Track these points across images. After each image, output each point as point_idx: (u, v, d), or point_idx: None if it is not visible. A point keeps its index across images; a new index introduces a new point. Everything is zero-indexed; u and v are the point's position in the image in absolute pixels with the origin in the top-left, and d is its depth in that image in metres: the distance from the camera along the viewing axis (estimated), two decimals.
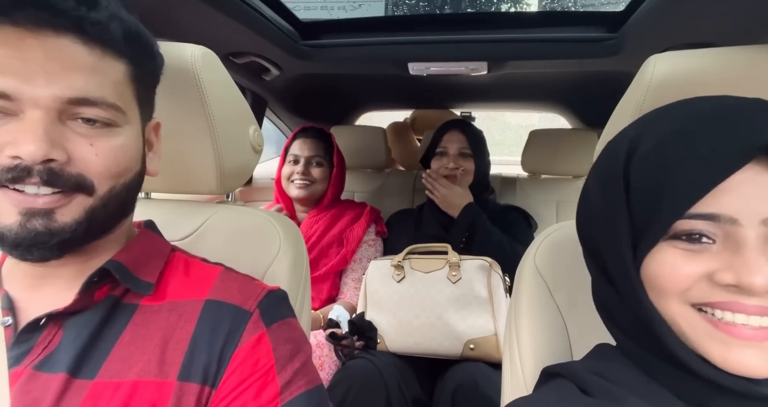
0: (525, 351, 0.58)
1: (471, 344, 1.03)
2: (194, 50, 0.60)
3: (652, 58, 0.52)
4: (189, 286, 0.48)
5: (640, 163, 0.38)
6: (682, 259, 0.36)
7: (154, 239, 0.52)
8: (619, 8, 1.05)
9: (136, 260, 0.47)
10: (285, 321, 0.48)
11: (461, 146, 1.32)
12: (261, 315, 0.47)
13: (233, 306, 0.47)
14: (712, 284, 0.35)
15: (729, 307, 0.35)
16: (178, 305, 0.47)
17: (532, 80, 1.55)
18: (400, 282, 1.12)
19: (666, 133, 0.37)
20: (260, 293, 0.48)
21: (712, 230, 0.35)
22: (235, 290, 0.48)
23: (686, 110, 0.38)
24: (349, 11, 3.80)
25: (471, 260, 1.11)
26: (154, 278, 0.48)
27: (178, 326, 0.45)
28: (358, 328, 1.10)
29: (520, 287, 0.62)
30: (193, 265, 0.52)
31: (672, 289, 0.36)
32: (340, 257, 1.29)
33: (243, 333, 0.45)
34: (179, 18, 0.85)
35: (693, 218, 0.35)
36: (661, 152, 0.37)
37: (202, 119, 0.62)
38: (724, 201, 0.34)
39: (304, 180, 1.35)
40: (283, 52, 1.15)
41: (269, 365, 0.44)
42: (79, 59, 0.39)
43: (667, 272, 0.36)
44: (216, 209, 0.70)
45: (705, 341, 0.36)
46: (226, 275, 0.50)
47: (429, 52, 1.17)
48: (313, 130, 1.41)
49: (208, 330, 0.45)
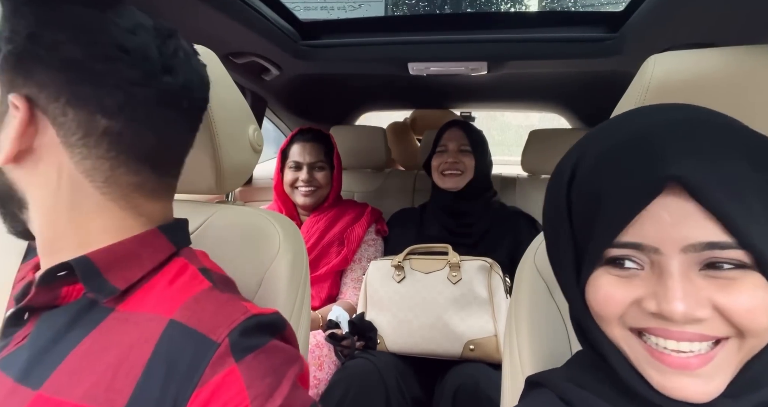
0: (525, 351, 0.58)
1: (471, 344, 1.03)
2: None
3: (652, 58, 0.52)
4: (164, 298, 0.42)
5: (577, 189, 0.39)
6: (615, 286, 0.36)
7: (154, 241, 0.45)
8: (619, 8, 1.05)
9: (114, 260, 0.42)
10: (263, 349, 0.40)
11: (461, 142, 1.33)
12: (231, 346, 0.38)
13: (198, 333, 0.39)
14: (641, 311, 0.36)
15: (659, 333, 0.35)
16: (144, 319, 0.40)
17: (532, 80, 1.55)
18: (401, 283, 1.12)
19: (595, 160, 0.38)
20: (237, 319, 0.40)
21: (640, 257, 0.36)
22: (208, 312, 0.41)
23: (613, 135, 0.38)
24: (349, 11, 3.81)
25: (471, 260, 1.10)
26: (125, 283, 0.41)
27: (137, 345, 0.38)
28: (358, 328, 1.10)
29: (520, 287, 0.62)
30: (185, 274, 0.45)
31: (609, 315, 0.37)
32: (340, 258, 1.29)
33: (206, 369, 0.37)
34: (179, 18, 0.85)
35: (619, 247, 0.36)
36: (592, 180, 0.37)
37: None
38: (645, 230, 0.34)
39: (310, 187, 1.33)
40: (283, 52, 1.15)
41: (243, 406, 0.36)
42: None
43: (601, 299, 0.37)
44: (215, 209, 0.70)
45: (644, 367, 0.36)
46: (207, 294, 0.43)
47: (429, 52, 1.17)
48: (312, 132, 1.39)
49: (164, 360, 0.37)
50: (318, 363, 1.05)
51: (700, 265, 0.34)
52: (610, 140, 0.38)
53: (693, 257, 0.34)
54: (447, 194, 1.32)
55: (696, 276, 0.34)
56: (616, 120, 0.40)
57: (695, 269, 0.34)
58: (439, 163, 1.33)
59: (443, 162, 1.32)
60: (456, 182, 1.30)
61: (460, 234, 1.29)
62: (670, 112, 0.38)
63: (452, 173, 1.31)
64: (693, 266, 0.34)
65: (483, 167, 1.34)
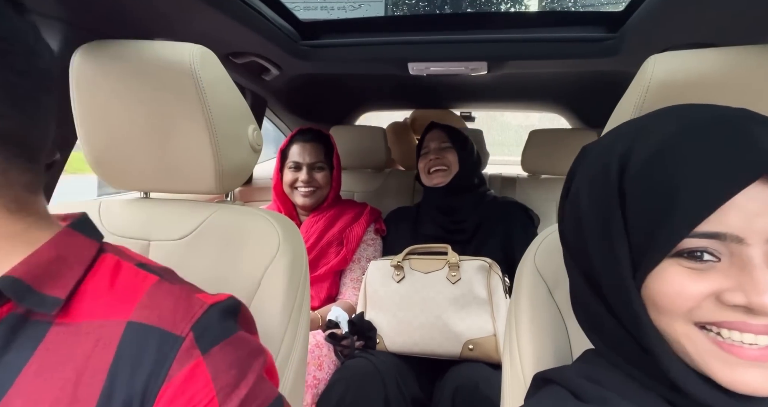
0: (525, 351, 0.58)
1: (470, 344, 1.03)
2: (193, 50, 0.60)
3: (652, 58, 0.52)
4: (112, 301, 0.40)
5: (635, 179, 0.37)
6: (689, 278, 0.35)
7: (73, 241, 0.41)
8: (619, 8, 1.05)
9: (42, 271, 0.38)
10: (229, 340, 0.40)
11: (441, 140, 1.36)
12: (196, 339, 0.38)
13: (160, 330, 0.38)
14: (718, 304, 0.34)
15: (736, 327, 0.34)
16: (96, 326, 0.38)
17: (532, 80, 1.55)
18: (400, 282, 1.12)
19: (661, 146, 0.36)
20: (197, 312, 0.40)
21: (717, 248, 0.34)
22: (166, 308, 0.39)
23: (680, 121, 0.37)
24: (349, 11, 3.81)
25: (470, 260, 1.11)
26: (65, 291, 0.38)
27: (94, 354, 0.37)
28: (357, 328, 1.11)
29: (520, 287, 0.62)
30: (123, 272, 0.42)
31: (677, 309, 0.35)
32: (340, 258, 1.29)
33: (172, 364, 0.37)
34: (179, 18, 0.85)
35: (698, 237, 0.34)
36: (658, 168, 0.35)
37: (201, 119, 0.62)
38: (729, 219, 0.33)
39: (309, 187, 1.34)
40: (283, 52, 1.15)
41: (209, 398, 0.36)
42: None
43: (674, 292, 0.35)
44: (215, 209, 0.70)
45: (710, 361, 0.35)
46: (158, 289, 0.41)
47: (429, 52, 1.17)
48: (311, 132, 1.39)
49: (128, 362, 0.37)
50: (318, 362, 1.05)
51: None
52: (673, 128, 0.36)
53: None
54: (436, 192, 1.34)
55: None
56: (666, 112, 0.39)
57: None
58: (424, 163, 1.37)
59: (427, 161, 1.35)
60: (442, 177, 1.33)
61: (455, 231, 1.30)
62: (733, 108, 0.36)
63: (437, 170, 1.34)
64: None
65: (467, 160, 1.35)
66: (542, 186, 1.69)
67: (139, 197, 0.76)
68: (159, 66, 0.60)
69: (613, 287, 0.39)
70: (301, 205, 1.35)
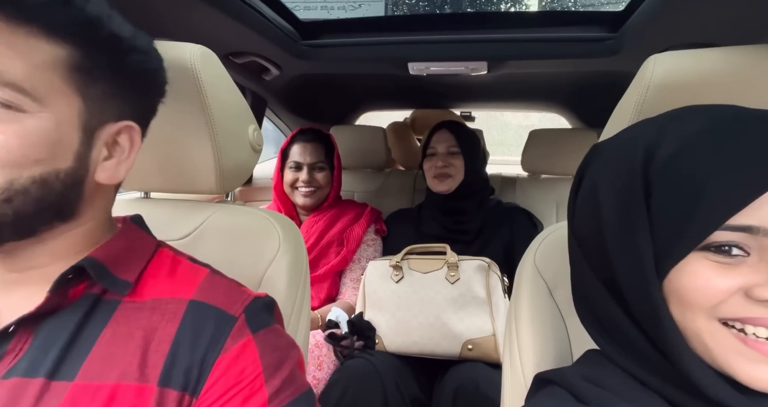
0: (525, 351, 0.58)
1: (469, 344, 1.03)
2: (194, 50, 0.60)
3: (652, 58, 0.52)
4: (173, 285, 0.46)
5: (664, 170, 0.36)
6: (717, 272, 0.34)
7: (137, 236, 0.50)
8: (619, 8, 1.05)
9: (115, 257, 0.45)
10: (271, 328, 0.46)
11: (449, 144, 1.33)
12: (247, 320, 0.45)
13: (218, 309, 0.45)
14: (746, 299, 0.34)
15: (763, 323, 0.33)
16: (161, 303, 0.45)
17: (532, 80, 1.55)
18: (399, 283, 1.12)
19: (692, 138, 0.35)
20: (246, 299, 0.46)
21: (747, 242, 0.34)
22: (221, 293, 0.46)
23: (711, 115, 0.36)
24: (348, 11, 3.81)
25: (469, 260, 1.11)
26: (133, 276, 0.45)
27: (160, 326, 0.43)
28: (357, 328, 1.11)
29: (520, 287, 0.62)
30: (180, 264, 0.49)
31: (703, 303, 0.35)
32: (340, 258, 1.29)
33: (227, 338, 0.43)
34: (179, 18, 0.85)
35: (729, 230, 0.33)
36: (690, 159, 0.35)
37: (201, 119, 0.62)
38: (762, 213, 0.33)
39: (310, 187, 1.33)
40: (283, 52, 1.15)
41: (256, 373, 0.42)
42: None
43: (701, 286, 0.34)
44: (215, 209, 0.70)
45: (732, 358, 0.34)
46: (213, 278, 0.49)
47: (429, 52, 1.17)
48: (312, 132, 1.39)
49: (190, 333, 0.43)
50: (317, 362, 1.05)
51: None
52: (706, 122, 0.36)
53: None
54: (440, 195, 1.33)
55: None
56: (693, 109, 0.39)
57: None
58: (430, 166, 1.34)
59: (433, 166, 1.33)
60: (447, 185, 1.31)
61: (457, 231, 1.29)
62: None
63: (443, 176, 1.31)
64: None
65: (474, 166, 1.33)
66: (542, 186, 1.69)
67: (140, 197, 0.76)
68: None
69: (632, 282, 0.38)
70: (302, 205, 1.35)
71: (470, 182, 1.32)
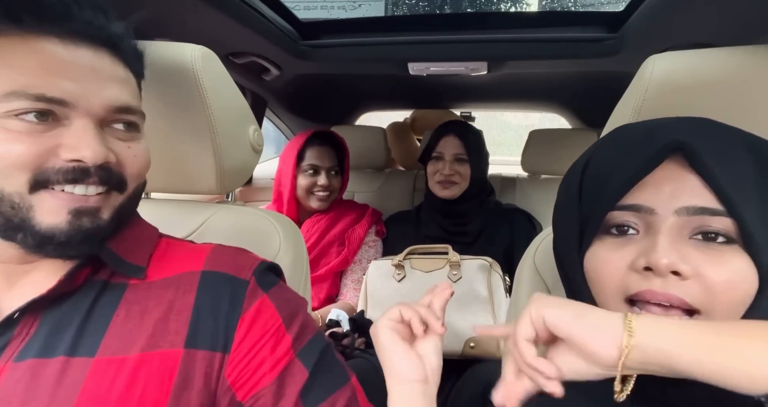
0: None
1: (471, 342, 1.03)
2: (194, 50, 0.60)
3: (651, 58, 0.52)
4: (182, 262, 0.50)
5: (589, 172, 0.44)
6: (611, 252, 0.40)
7: (142, 226, 0.53)
8: (619, 8, 1.05)
9: (127, 246, 0.48)
10: (279, 285, 0.52)
11: (457, 151, 1.29)
12: (257, 281, 0.49)
13: (229, 275, 0.49)
14: (638, 274, 0.38)
15: (647, 296, 0.38)
16: (173, 279, 0.48)
17: (532, 80, 1.55)
18: (401, 282, 1.12)
19: (607, 150, 0.44)
20: (254, 263, 0.51)
21: (636, 221, 0.40)
22: (230, 261, 0.51)
23: (628, 130, 0.45)
24: (348, 11, 3.81)
25: (471, 260, 1.11)
26: (145, 261, 0.49)
27: (177, 298, 0.46)
28: (359, 325, 1.10)
29: (519, 286, 0.63)
30: (183, 246, 0.54)
31: (607, 284, 0.40)
32: (341, 259, 1.29)
33: (244, 300, 0.47)
34: (179, 18, 0.85)
35: (620, 210, 0.40)
36: (604, 162, 0.43)
37: (202, 119, 0.62)
38: (645, 194, 0.39)
39: (326, 192, 1.32)
40: (283, 52, 1.15)
41: (278, 323, 0.47)
42: (116, 72, 0.44)
43: (599, 267, 0.41)
44: (216, 209, 0.70)
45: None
46: (218, 249, 0.53)
47: (429, 52, 1.17)
48: (328, 136, 1.37)
49: (209, 299, 0.46)
50: None
51: (691, 231, 0.38)
52: (629, 130, 0.44)
53: (685, 220, 0.38)
54: (441, 199, 1.31)
55: (686, 243, 0.38)
56: (633, 123, 0.47)
57: (686, 235, 0.38)
58: (435, 171, 1.31)
59: (438, 172, 1.29)
60: (452, 192, 1.29)
61: (457, 233, 1.29)
62: (679, 118, 0.44)
63: (448, 183, 1.29)
64: (684, 230, 0.38)
65: (479, 172, 1.32)
66: (542, 186, 1.69)
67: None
68: (160, 66, 0.60)
69: (568, 273, 0.45)
70: (316, 209, 1.34)
71: (473, 187, 1.31)
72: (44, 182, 0.40)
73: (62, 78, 0.39)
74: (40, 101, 0.39)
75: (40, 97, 0.38)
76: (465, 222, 1.30)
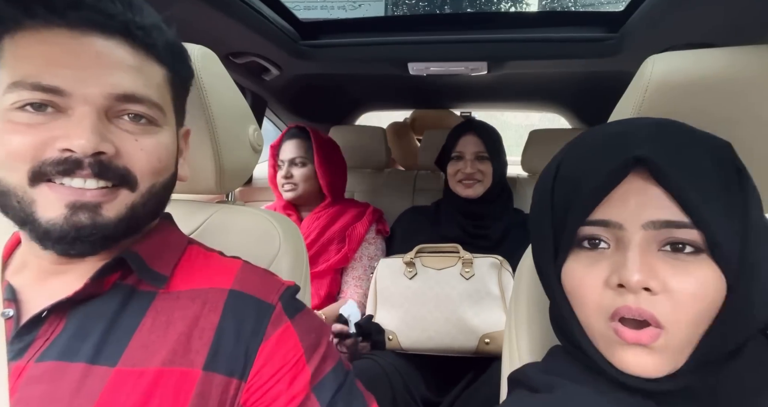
0: (524, 349, 0.59)
1: (486, 338, 1.02)
2: (194, 50, 0.60)
3: (651, 58, 0.52)
4: (210, 276, 0.49)
5: (559, 182, 0.44)
6: (586, 268, 0.40)
7: (171, 232, 0.53)
8: (619, 8, 1.05)
9: (152, 252, 0.47)
10: (304, 311, 0.50)
11: (478, 149, 1.28)
12: (283, 307, 0.48)
13: (256, 298, 0.48)
14: (614, 291, 0.39)
15: (623, 312, 0.38)
16: (201, 293, 0.47)
17: (532, 80, 1.55)
18: (413, 279, 1.11)
19: (574, 156, 0.44)
20: (280, 288, 0.50)
21: (607, 235, 0.40)
22: (258, 283, 0.49)
23: (595, 134, 0.45)
24: (348, 11, 3.80)
25: (482, 257, 1.11)
26: (168, 270, 0.48)
27: (202, 315, 0.45)
28: (364, 330, 1.10)
29: (519, 285, 0.63)
30: (212, 257, 0.52)
31: (588, 302, 0.40)
32: (341, 256, 1.29)
33: (268, 326, 0.46)
34: (179, 18, 0.85)
35: (590, 225, 0.40)
36: (573, 170, 0.43)
37: (202, 119, 0.62)
38: (612, 209, 0.39)
39: (289, 183, 1.36)
40: (283, 52, 1.15)
41: (299, 355, 0.46)
42: (125, 59, 0.42)
43: (578, 284, 0.41)
44: (216, 209, 0.70)
45: (611, 347, 0.39)
46: (247, 268, 0.51)
47: (429, 52, 1.17)
48: (294, 130, 1.41)
49: (233, 322, 0.45)
50: None
51: (659, 244, 0.38)
52: (592, 137, 0.44)
53: (652, 234, 0.38)
54: (462, 199, 1.29)
55: (654, 256, 0.38)
56: (600, 126, 0.47)
57: (654, 248, 0.38)
58: (456, 171, 1.28)
59: (460, 171, 1.27)
60: (475, 190, 1.27)
61: (477, 236, 1.25)
62: (645, 120, 0.44)
63: (471, 181, 1.27)
64: (652, 244, 0.38)
65: (500, 170, 1.30)
66: None
67: None
68: None
69: (547, 288, 0.45)
70: (287, 201, 1.38)
71: (496, 186, 1.29)
72: (42, 175, 0.39)
73: (60, 66, 0.39)
74: (36, 90, 0.38)
75: (36, 86, 0.38)
76: (486, 225, 1.27)
